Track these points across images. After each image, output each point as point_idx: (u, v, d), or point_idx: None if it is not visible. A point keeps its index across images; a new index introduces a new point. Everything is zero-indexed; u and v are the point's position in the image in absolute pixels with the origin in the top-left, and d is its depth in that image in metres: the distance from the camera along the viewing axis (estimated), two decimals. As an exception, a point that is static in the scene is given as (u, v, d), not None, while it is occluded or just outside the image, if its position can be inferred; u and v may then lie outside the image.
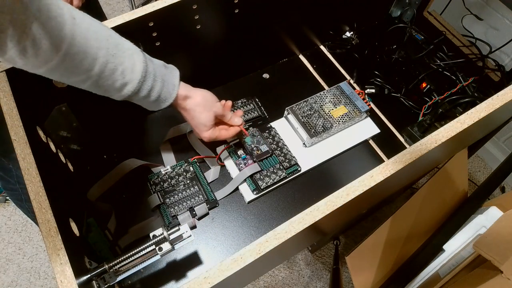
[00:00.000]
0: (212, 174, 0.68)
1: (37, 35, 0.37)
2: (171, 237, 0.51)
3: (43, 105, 0.57)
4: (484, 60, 0.85)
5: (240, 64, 0.79)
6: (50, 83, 0.55)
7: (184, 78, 0.73)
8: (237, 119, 0.64)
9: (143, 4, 1.77)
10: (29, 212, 0.94)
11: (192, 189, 0.65)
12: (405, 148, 0.58)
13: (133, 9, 1.80)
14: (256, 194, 0.66)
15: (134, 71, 0.47)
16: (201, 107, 0.57)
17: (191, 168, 0.67)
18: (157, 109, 0.54)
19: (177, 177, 0.66)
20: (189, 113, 0.57)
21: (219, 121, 0.62)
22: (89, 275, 0.47)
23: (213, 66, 0.74)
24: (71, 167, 0.61)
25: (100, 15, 0.85)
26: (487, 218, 0.72)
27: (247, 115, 0.74)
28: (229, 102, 0.65)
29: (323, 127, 0.72)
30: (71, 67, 0.42)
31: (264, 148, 0.69)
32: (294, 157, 0.69)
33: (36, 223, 0.45)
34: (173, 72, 0.54)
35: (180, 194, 0.64)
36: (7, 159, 0.74)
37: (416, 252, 0.80)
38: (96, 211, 0.61)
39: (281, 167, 0.68)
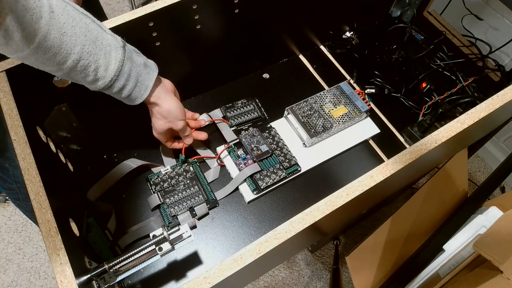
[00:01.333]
0: (212, 174, 0.68)
1: (10, 27, 0.36)
2: (171, 237, 0.51)
3: (43, 105, 0.57)
4: (484, 60, 0.85)
5: (240, 64, 0.79)
6: (50, 83, 0.55)
7: (184, 78, 0.73)
8: (189, 139, 0.65)
9: (143, 4, 1.77)
10: (27, 211, 0.94)
11: (192, 189, 0.65)
12: (405, 148, 0.58)
13: (133, 9, 1.80)
14: (256, 194, 0.66)
15: (108, 70, 0.47)
16: (162, 116, 0.58)
17: (191, 168, 0.67)
18: (130, 105, 0.55)
19: (177, 177, 0.66)
20: (151, 114, 0.59)
21: (176, 133, 0.63)
22: (89, 275, 0.47)
23: (213, 66, 0.74)
24: (71, 167, 0.61)
25: (101, 15, 0.85)
26: (487, 218, 0.72)
27: (247, 115, 0.74)
28: (196, 115, 0.68)
29: (323, 127, 0.72)
30: (43, 59, 0.42)
31: (264, 148, 0.69)
32: (294, 157, 0.69)
33: (35, 222, 0.45)
34: (151, 73, 0.53)
35: (180, 194, 0.64)
36: (3, 158, 0.74)
37: (416, 252, 0.80)
38: (96, 211, 0.61)
39: (281, 167, 0.68)
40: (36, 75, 0.52)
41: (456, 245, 0.72)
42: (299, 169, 0.69)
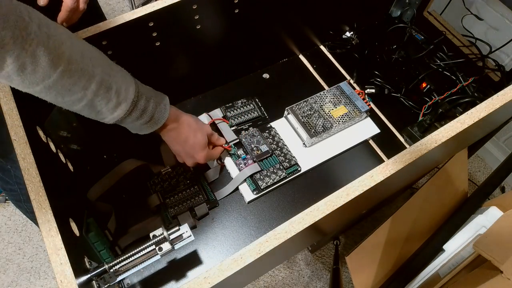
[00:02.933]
0: (212, 174, 0.68)
1: (37, 51, 0.38)
2: (171, 237, 0.51)
3: (43, 105, 0.57)
4: (484, 60, 0.85)
5: (240, 64, 0.79)
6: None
7: (184, 78, 0.73)
8: (221, 138, 0.65)
9: (143, 4, 1.77)
10: (28, 212, 0.94)
11: (192, 189, 0.65)
12: (405, 148, 0.58)
13: (133, 9, 1.80)
14: (256, 194, 0.66)
15: (128, 91, 0.47)
16: (194, 126, 0.57)
17: (191, 168, 0.67)
18: (147, 132, 0.54)
19: (177, 177, 0.66)
20: (180, 134, 0.57)
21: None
22: (89, 275, 0.47)
23: (213, 66, 0.74)
24: (71, 167, 0.61)
25: (100, 16, 0.85)
26: (487, 218, 0.72)
27: (247, 115, 0.74)
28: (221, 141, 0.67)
29: (323, 127, 0.72)
30: (69, 84, 0.42)
31: (264, 148, 0.69)
32: (294, 157, 0.69)
33: (36, 223, 0.45)
34: (162, 95, 0.54)
35: (180, 194, 0.64)
36: (5, 160, 0.74)
37: (416, 252, 0.80)
38: (96, 211, 0.61)
39: (281, 167, 0.68)
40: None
41: (456, 245, 0.72)
42: (299, 169, 0.69)
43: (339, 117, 0.73)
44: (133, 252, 0.50)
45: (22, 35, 0.36)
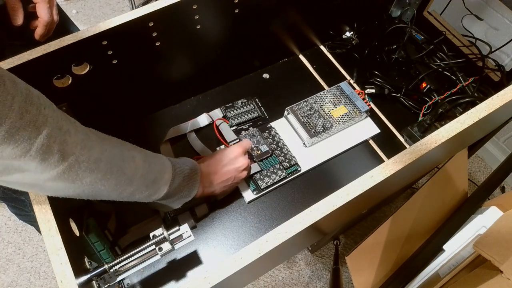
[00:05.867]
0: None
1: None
2: (171, 237, 0.51)
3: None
4: (484, 60, 0.85)
5: (240, 64, 0.79)
6: (50, 83, 0.55)
7: (184, 78, 0.73)
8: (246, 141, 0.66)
9: (143, 4, 1.77)
10: None
11: (192, 189, 0.64)
12: (405, 148, 0.58)
13: (133, 9, 1.80)
14: (256, 194, 0.66)
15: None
16: (225, 156, 0.59)
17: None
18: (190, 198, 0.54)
19: (177, 177, 0.66)
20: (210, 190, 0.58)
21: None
22: (89, 275, 0.47)
23: (213, 66, 0.74)
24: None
25: (69, 23, 0.85)
26: (487, 218, 0.72)
27: (247, 115, 0.74)
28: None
29: (323, 127, 0.72)
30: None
31: (264, 148, 0.69)
32: (294, 157, 0.69)
33: None
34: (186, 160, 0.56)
35: (180, 194, 0.64)
36: (18, 194, 0.76)
37: (416, 252, 0.80)
38: (96, 211, 0.61)
39: (281, 167, 0.68)
40: (36, 75, 0.52)
41: (456, 245, 0.72)
42: (299, 169, 0.69)
43: (339, 117, 0.73)
44: (133, 252, 0.50)
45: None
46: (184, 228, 0.52)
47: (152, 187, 0.47)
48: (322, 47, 0.89)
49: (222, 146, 0.70)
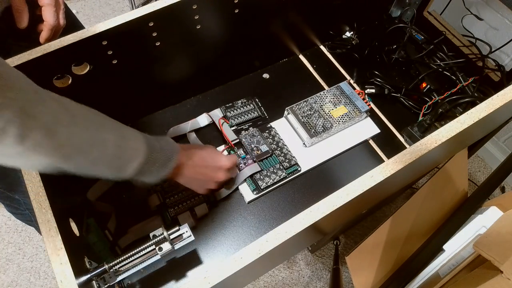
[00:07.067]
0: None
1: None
2: (171, 237, 0.51)
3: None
4: (484, 60, 0.85)
5: (240, 64, 0.79)
6: (50, 83, 0.55)
7: (184, 78, 0.73)
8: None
9: (143, 4, 1.77)
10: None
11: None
12: (405, 148, 0.58)
13: (133, 9, 1.80)
14: (256, 194, 0.66)
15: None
16: (209, 156, 0.58)
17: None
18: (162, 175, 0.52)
19: (177, 177, 0.66)
20: (184, 180, 0.56)
21: None
22: (89, 275, 0.47)
23: (213, 66, 0.74)
24: (71, 167, 0.61)
25: (80, 28, 0.85)
26: (487, 218, 0.72)
27: (247, 115, 0.74)
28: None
29: (323, 127, 0.72)
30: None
31: (264, 148, 0.69)
32: (294, 157, 0.69)
33: None
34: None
35: (180, 194, 0.64)
36: (13, 192, 0.76)
37: (416, 252, 0.80)
38: (96, 211, 0.61)
39: (281, 167, 0.68)
40: (35, 74, 0.52)
41: (456, 245, 0.72)
42: (299, 169, 0.69)
43: (339, 117, 0.73)
44: (133, 252, 0.50)
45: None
46: (184, 228, 0.52)
47: (118, 172, 0.46)
48: (322, 47, 0.89)
49: (222, 146, 0.70)
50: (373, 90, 0.81)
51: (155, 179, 0.50)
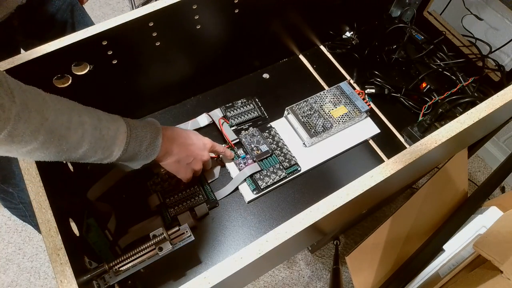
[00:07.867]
0: (212, 174, 0.68)
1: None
2: (171, 237, 0.51)
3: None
4: (484, 60, 0.85)
5: (240, 64, 0.79)
6: (50, 83, 0.55)
7: (184, 79, 0.73)
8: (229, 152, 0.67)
9: (143, 4, 1.77)
10: (34, 224, 0.97)
11: (192, 189, 0.65)
12: (405, 148, 0.58)
13: (133, 9, 1.80)
14: (256, 194, 0.66)
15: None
16: (193, 134, 0.58)
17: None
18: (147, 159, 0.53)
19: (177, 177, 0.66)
20: (169, 165, 0.57)
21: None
22: (89, 275, 0.47)
23: (213, 66, 0.74)
24: (71, 167, 0.61)
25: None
26: (487, 218, 0.72)
27: (247, 114, 0.74)
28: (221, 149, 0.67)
29: (323, 127, 0.72)
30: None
31: (264, 148, 0.69)
32: (294, 157, 0.69)
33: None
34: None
35: (180, 194, 0.64)
36: (6, 185, 0.76)
37: (416, 252, 0.80)
38: (96, 211, 0.61)
39: (281, 167, 0.68)
40: (35, 74, 0.52)
41: (456, 245, 0.72)
42: (299, 169, 0.69)
43: (339, 117, 0.73)
44: (133, 252, 0.50)
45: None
46: (184, 228, 0.52)
47: (103, 153, 0.46)
48: (322, 47, 0.89)
49: (223, 146, 0.70)
50: (373, 90, 0.81)
51: (146, 160, 0.51)
